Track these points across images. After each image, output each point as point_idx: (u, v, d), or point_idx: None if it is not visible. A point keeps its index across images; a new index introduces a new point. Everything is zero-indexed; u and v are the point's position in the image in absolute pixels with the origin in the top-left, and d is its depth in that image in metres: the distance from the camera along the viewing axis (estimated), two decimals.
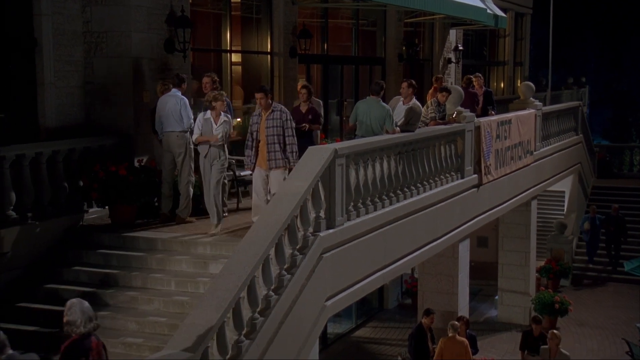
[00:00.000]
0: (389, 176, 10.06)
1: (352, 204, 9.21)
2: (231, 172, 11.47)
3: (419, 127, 11.40)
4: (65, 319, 5.87)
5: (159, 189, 10.06)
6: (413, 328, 12.71)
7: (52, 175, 9.58)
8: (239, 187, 11.52)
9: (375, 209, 9.70)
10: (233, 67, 13.97)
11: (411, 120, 11.04)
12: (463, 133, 12.26)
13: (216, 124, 9.64)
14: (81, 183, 9.84)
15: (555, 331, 12.89)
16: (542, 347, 12.78)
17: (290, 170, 9.38)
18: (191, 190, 10.14)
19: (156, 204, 10.19)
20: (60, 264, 9.23)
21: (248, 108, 14.43)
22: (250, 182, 11.86)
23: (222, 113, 9.68)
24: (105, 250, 9.30)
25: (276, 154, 9.61)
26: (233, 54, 13.92)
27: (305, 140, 10.88)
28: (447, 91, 12.03)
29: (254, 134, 9.65)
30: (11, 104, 10.26)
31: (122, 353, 7.82)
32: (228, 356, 6.97)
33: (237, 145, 12.81)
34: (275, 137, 9.57)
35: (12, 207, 9.01)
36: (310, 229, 8.39)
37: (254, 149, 9.70)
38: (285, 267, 7.91)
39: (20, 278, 9.02)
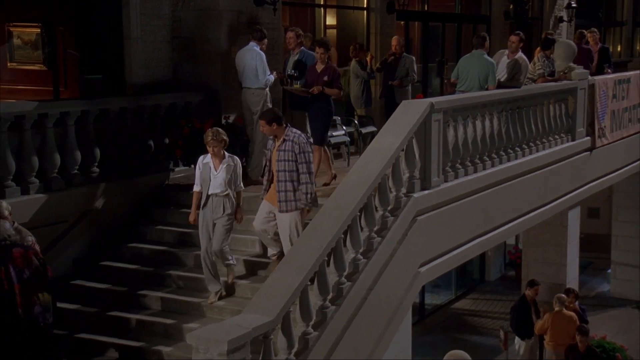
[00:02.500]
0: (491, 135, 9.38)
1: (449, 164, 8.59)
2: None
3: (526, 85, 10.60)
4: None
5: (246, 148, 9.67)
6: (516, 300, 11.97)
7: (137, 132, 9.33)
8: (330, 151, 10.99)
9: (475, 171, 9.04)
10: (328, 30, 13.45)
11: (516, 75, 10.26)
12: (575, 91, 11.35)
13: (216, 171, 7.61)
14: (167, 140, 9.56)
15: None
16: None
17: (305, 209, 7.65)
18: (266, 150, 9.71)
19: (244, 163, 9.78)
20: (144, 223, 9.00)
21: (345, 71, 13.90)
22: (342, 143, 11.39)
23: (226, 155, 7.68)
24: (189, 210, 8.98)
25: (287, 194, 7.49)
26: (328, 16, 13.40)
27: (318, 104, 9.34)
28: (553, 43, 11.11)
29: (269, 163, 7.78)
30: (99, 59, 10.09)
31: (203, 316, 7.50)
32: (312, 322, 6.55)
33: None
34: (287, 173, 7.48)
35: (96, 164, 8.82)
36: (403, 190, 7.83)
37: (268, 180, 7.76)
38: (375, 229, 7.39)
39: (104, 236, 8.85)
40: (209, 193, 7.58)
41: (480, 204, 9.06)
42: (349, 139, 11.40)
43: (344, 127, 11.56)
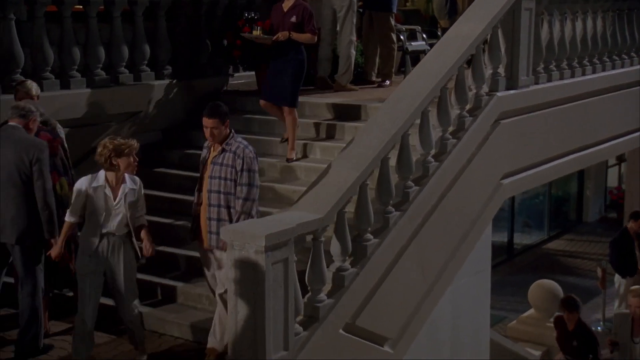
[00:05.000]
0: (594, 37, 8.26)
1: (542, 64, 7.52)
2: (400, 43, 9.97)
3: None
4: None
5: (315, 50, 8.76)
6: (616, 234, 10.73)
7: (193, 31, 8.54)
8: (408, 60, 9.99)
9: (572, 75, 7.95)
10: None
11: None
12: None
13: (115, 199, 5.30)
14: (225, 42, 8.74)
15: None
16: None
17: None
18: (353, 52, 8.81)
19: (311, 71, 8.89)
20: (198, 128, 8.23)
21: None
22: (422, 52, 10.33)
23: (127, 178, 5.37)
24: (247, 115, 8.21)
25: (220, 224, 5.35)
26: None
27: (285, 55, 7.22)
28: None
29: (200, 180, 5.63)
30: None
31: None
32: (371, 228, 5.67)
33: (410, 13, 11.24)
34: (222, 196, 5.40)
35: (145, 62, 8.09)
36: (485, 87, 6.83)
37: (197, 204, 5.59)
38: (449, 130, 6.43)
39: (156, 141, 8.18)
40: (104, 231, 5.29)
41: (577, 113, 7.95)
42: (429, 47, 10.31)
43: (425, 37, 10.49)
